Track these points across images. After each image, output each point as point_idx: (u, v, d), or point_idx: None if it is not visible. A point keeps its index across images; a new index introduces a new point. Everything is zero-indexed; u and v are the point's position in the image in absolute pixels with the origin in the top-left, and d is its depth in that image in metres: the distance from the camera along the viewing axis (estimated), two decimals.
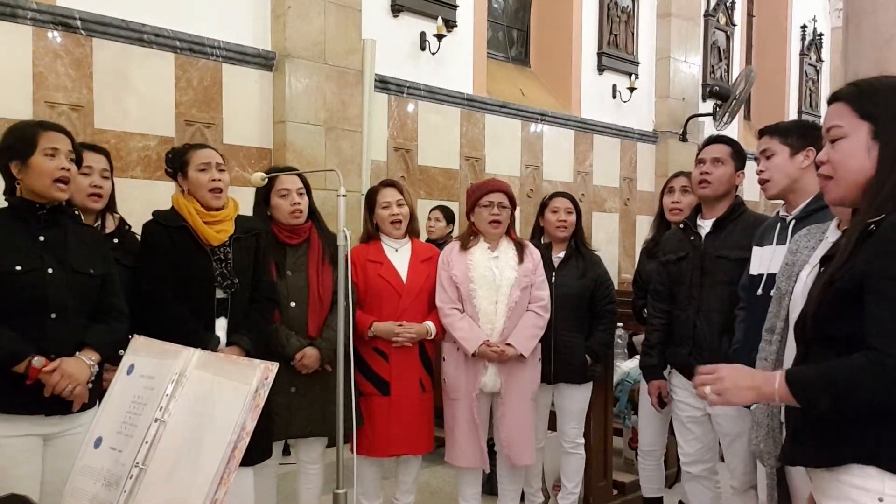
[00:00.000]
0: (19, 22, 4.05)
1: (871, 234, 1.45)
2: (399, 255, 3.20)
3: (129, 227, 2.81)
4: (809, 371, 1.49)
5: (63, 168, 2.23)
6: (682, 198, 3.43)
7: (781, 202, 2.65)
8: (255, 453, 2.64)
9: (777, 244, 2.51)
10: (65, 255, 2.25)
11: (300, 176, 3.09)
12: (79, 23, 4.25)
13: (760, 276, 2.55)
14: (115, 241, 2.70)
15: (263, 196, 3.05)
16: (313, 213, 3.13)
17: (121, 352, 2.43)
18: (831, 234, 1.90)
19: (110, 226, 2.73)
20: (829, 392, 1.44)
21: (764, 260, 2.56)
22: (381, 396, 3.08)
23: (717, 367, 1.60)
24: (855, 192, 1.54)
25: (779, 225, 2.56)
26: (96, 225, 2.68)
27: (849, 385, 1.41)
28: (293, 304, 2.97)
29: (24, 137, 2.23)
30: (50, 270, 2.21)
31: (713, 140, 3.12)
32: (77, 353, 2.24)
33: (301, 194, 3.04)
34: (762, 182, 2.61)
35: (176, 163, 2.81)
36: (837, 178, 1.57)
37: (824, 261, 1.61)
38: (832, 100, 1.60)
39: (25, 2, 4.04)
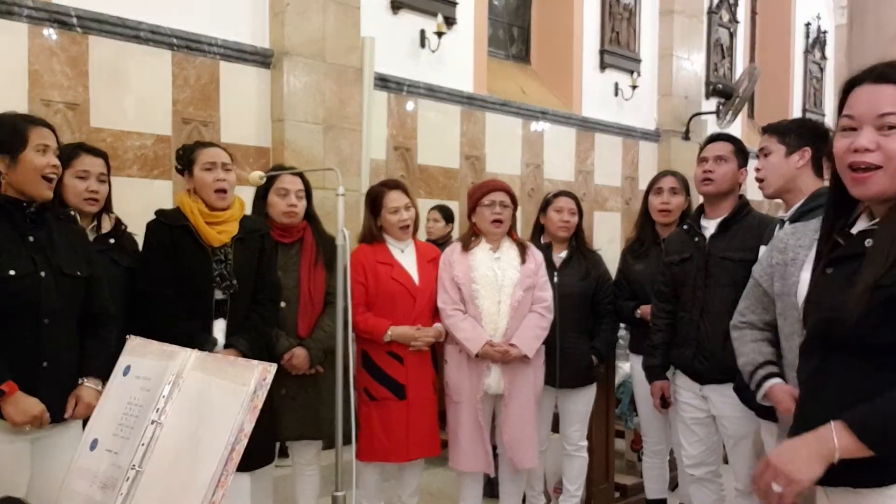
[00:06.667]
0: (15, 19, 4.01)
1: None
2: (406, 256, 3.17)
3: (126, 227, 2.78)
4: (873, 413, 1.31)
5: (53, 165, 2.15)
6: (671, 198, 3.40)
7: (779, 201, 2.62)
8: (255, 458, 2.61)
9: None
10: (53, 257, 2.16)
11: (303, 179, 3.07)
12: (75, 20, 4.21)
13: None
14: (112, 241, 2.68)
15: (263, 193, 3.04)
16: (311, 216, 3.10)
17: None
18: None
19: (106, 226, 2.70)
20: None
21: None
22: (398, 401, 3.04)
23: (761, 463, 1.42)
24: None
25: (777, 226, 2.54)
26: (92, 226, 2.65)
27: None
28: (283, 304, 2.95)
29: (14, 132, 2.11)
30: (43, 274, 2.12)
31: (715, 138, 3.10)
32: (83, 380, 2.23)
33: (300, 197, 3.02)
34: (759, 181, 2.59)
35: (185, 160, 2.79)
36: (888, 168, 1.38)
37: (837, 261, 1.49)
38: (883, 80, 1.39)
39: None
